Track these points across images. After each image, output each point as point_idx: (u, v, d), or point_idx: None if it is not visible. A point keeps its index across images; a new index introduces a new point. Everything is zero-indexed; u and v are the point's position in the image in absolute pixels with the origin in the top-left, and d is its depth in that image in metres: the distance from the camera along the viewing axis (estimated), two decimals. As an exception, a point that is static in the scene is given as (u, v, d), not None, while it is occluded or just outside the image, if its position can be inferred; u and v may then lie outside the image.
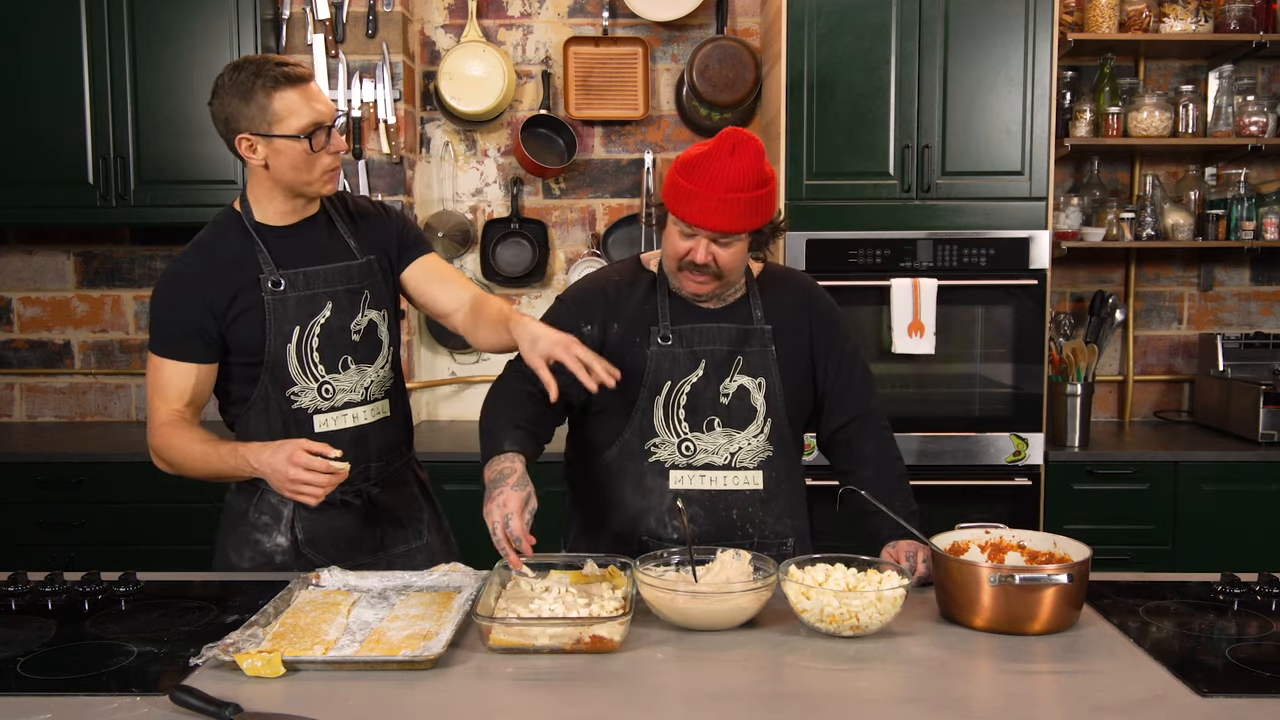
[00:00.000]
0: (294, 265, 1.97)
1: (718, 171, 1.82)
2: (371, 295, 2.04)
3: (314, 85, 1.93)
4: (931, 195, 3.33)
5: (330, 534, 2.05)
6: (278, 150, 1.90)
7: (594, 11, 3.87)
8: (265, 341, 1.94)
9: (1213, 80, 3.63)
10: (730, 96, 3.73)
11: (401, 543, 2.13)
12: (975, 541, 1.79)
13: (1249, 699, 1.39)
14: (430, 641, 1.53)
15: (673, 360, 1.96)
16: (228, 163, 3.50)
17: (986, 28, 3.29)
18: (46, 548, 3.30)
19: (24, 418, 4.01)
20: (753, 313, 2.01)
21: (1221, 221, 3.63)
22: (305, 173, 1.92)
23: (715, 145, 1.84)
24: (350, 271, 2.03)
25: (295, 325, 1.96)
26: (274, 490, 1.91)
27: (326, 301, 1.98)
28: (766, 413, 1.98)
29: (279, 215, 2.00)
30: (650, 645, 1.59)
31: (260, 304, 1.94)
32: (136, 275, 3.96)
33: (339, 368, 2.00)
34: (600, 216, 3.93)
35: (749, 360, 1.98)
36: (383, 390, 2.07)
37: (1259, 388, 3.48)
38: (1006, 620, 1.62)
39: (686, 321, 1.98)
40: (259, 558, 2.04)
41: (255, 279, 1.94)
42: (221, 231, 2.00)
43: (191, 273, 1.96)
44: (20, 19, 3.45)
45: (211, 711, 1.32)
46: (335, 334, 1.99)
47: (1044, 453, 3.36)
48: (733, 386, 1.97)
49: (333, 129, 1.92)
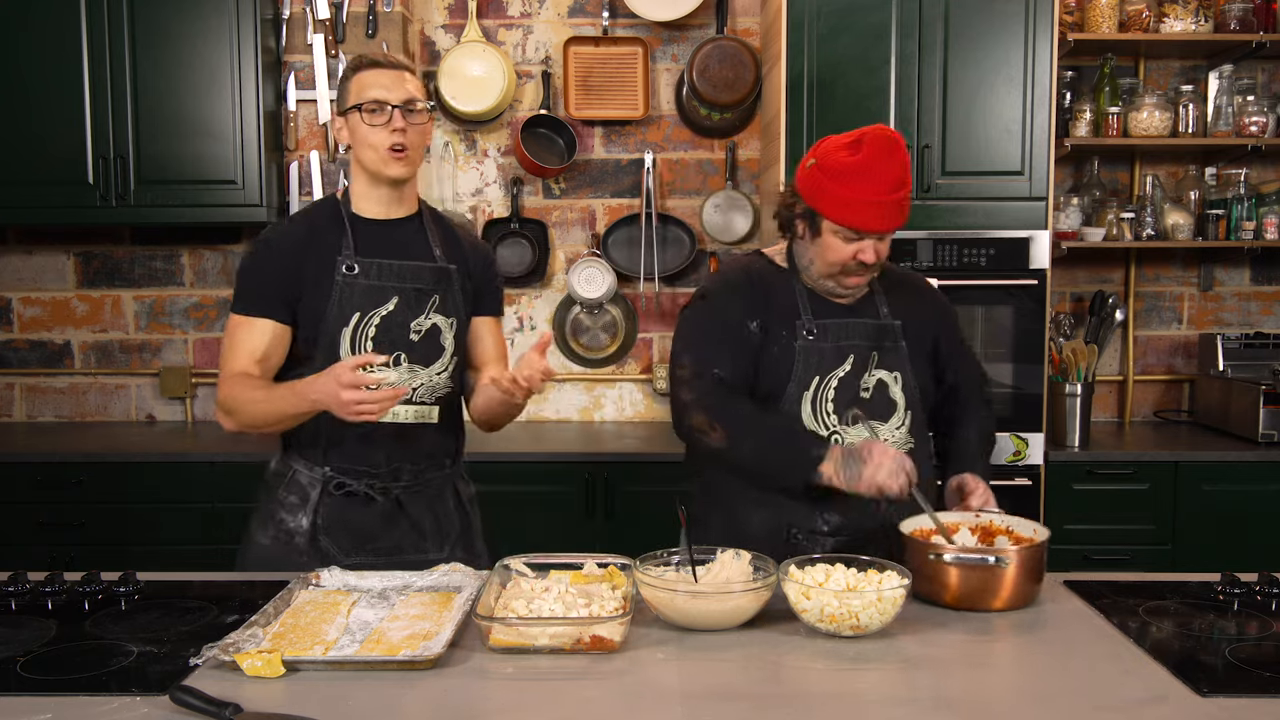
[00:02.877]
0: (372, 255, 2.03)
1: (881, 176, 1.88)
2: (441, 300, 2.07)
3: (391, 71, 2.01)
4: (931, 195, 3.32)
5: (349, 525, 2.06)
6: (351, 127, 2.01)
7: (594, 11, 3.87)
8: (325, 321, 1.99)
9: (1213, 80, 3.63)
10: (730, 96, 3.73)
11: (418, 551, 2.10)
12: (965, 524, 1.90)
13: (1249, 699, 1.40)
14: (430, 641, 1.53)
15: (820, 354, 2.01)
16: (228, 163, 3.50)
17: (986, 28, 3.29)
18: (46, 548, 3.30)
19: (24, 418, 4.01)
20: (879, 309, 2.07)
21: (1221, 221, 3.63)
22: (367, 148, 1.99)
23: (871, 150, 1.89)
24: (423, 272, 2.06)
25: (356, 311, 2.00)
26: (305, 471, 2.02)
27: (394, 295, 2.03)
28: (906, 405, 2.03)
29: (371, 206, 2.07)
30: (650, 645, 1.59)
31: (332, 284, 2.00)
32: (136, 275, 3.96)
33: (390, 362, 2.02)
34: (600, 216, 3.93)
35: (884, 355, 2.04)
36: (433, 396, 2.07)
37: (1259, 388, 3.48)
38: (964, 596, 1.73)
39: (827, 316, 2.03)
40: (281, 536, 2.06)
41: (333, 260, 2.01)
42: (317, 211, 2.10)
43: (278, 238, 2.05)
44: (20, 19, 3.45)
45: (211, 711, 1.32)
46: (394, 328, 2.02)
47: (1044, 453, 3.36)
48: (872, 381, 2.02)
49: (396, 109, 1.97)
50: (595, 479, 3.32)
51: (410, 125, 1.99)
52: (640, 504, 3.30)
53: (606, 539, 3.20)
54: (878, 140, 1.89)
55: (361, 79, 2.00)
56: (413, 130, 2.00)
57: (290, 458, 2.08)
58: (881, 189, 1.89)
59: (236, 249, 3.95)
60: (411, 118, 1.99)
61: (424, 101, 2.03)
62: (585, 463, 3.34)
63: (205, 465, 3.33)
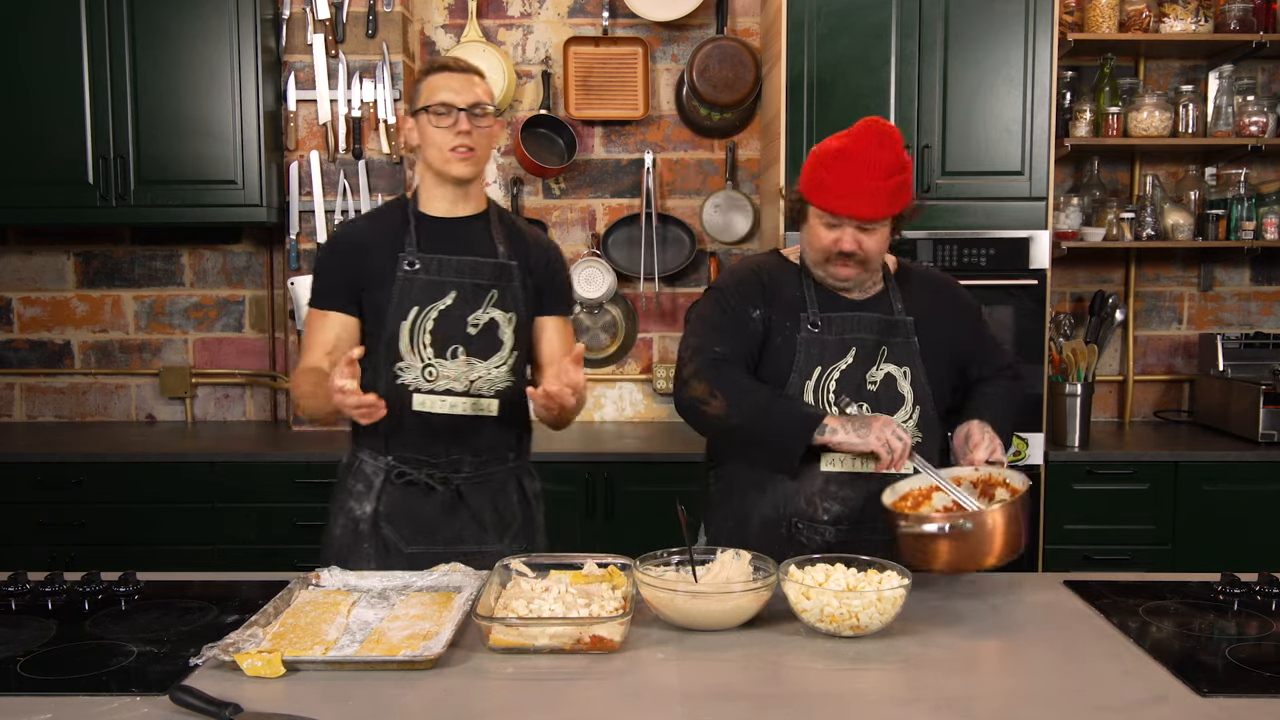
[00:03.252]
0: (434, 251, 2.09)
1: (863, 163, 1.90)
2: (499, 295, 2.11)
3: (460, 74, 2.07)
4: (931, 195, 3.32)
5: (409, 514, 2.11)
6: (420, 128, 2.08)
7: (594, 11, 3.87)
8: (386, 315, 2.06)
9: (1213, 80, 3.63)
10: (730, 96, 3.73)
11: (479, 543, 2.13)
12: (967, 478, 1.93)
13: (1249, 699, 1.40)
14: (430, 641, 1.53)
15: (822, 346, 2.02)
16: (228, 163, 3.50)
17: (986, 28, 3.29)
18: (46, 548, 3.30)
19: (24, 418, 4.01)
20: (893, 305, 2.08)
21: (1221, 221, 3.63)
22: (433, 148, 2.06)
23: (859, 137, 1.92)
24: (482, 268, 2.10)
25: (415, 305, 2.06)
26: (370, 460, 2.11)
27: (452, 290, 2.08)
28: (915, 400, 2.04)
29: (437, 204, 2.13)
30: (650, 645, 1.59)
31: (393, 279, 2.07)
32: (136, 275, 3.96)
33: (447, 355, 2.07)
34: (600, 216, 3.93)
35: (893, 350, 2.05)
36: (492, 390, 2.10)
37: (1259, 388, 3.47)
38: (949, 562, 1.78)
39: (833, 310, 2.05)
40: (348, 524, 2.13)
41: (396, 256, 2.08)
42: (387, 210, 2.18)
43: (347, 235, 2.15)
44: (20, 19, 3.45)
45: (211, 711, 1.32)
46: (452, 322, 2.07)
47: (1044, 453, 3.36)
48: (880, 374, 2.02)
49: (463, 112, 2.03)
50: (595, 479, 3.32)
51: (476, 128, 2.05)
52: (640, 504, 3.30)
53: (606, 539, 3.20)
54: (866, 127, 1.93)
55: (432, 82, 2.07)
56: (478, 132, 2.06)
57: (358, 448, 2.16)
58: (862, 174, 1.90)
59: (236, 249, 3.95)
60: (477, 120, 2.05)
61: (491, 105, 2.08)
62: (585, 463, 3.34)
63: (205, 465, 3.33)
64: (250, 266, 3.95)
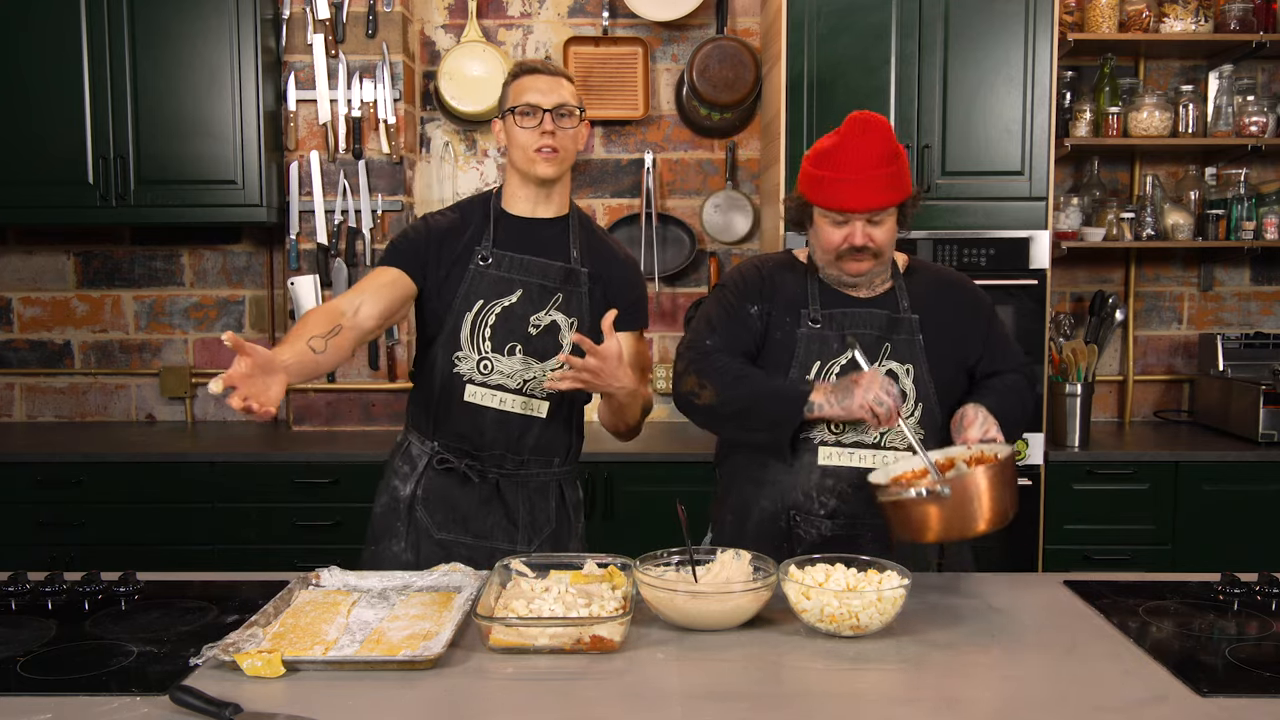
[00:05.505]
0: (508, 249, 2.13)
1: (854, 154, 1.91)
2: (565, 299, 2.12)
3: (547, 77, 2.11)
4: (931, 195, 3.32)
5: (445, 501, 2.15)
6: (507, 129, 2.12)
7: (594, 11, 3.87)
8: (453, 303, 2.10)
9: (1213, 80, 3.63)
10: (730, 96, 3.73)
11: (509, 541, 2.15)
12: (959, 456, 1.91)
13: (1249, 699, 1.40)
14: (430, 641, 1.53)
15: (822, 342, 2.03)
16: (228, 162, 3.50)
17: (986, 28, 3.29)
18: (46, 548, 3.30)
19: (24, 418, 4.01)
20: (899, 303, 2.08)
21: (1221, 221, 3.63)
22: (518, 149, 2.10)
23: (846, 131, 1.94)
24: (551, 270, 2.12)
25: (480, 299, 2.10)
26: (417, 443, 2.16)
27: (518, 289, 2.11)
28: (917, 398, 2.04)
29: (519, 204, 2.17)
30: (650, 645, 1.59)
31: (465, 272, 2.11)
32: (136, 275, 3.96)
33: (505, 351, 2.10)
34: (600, 216, 3.93)
35: (897, 347, 2.04)
36: (545, 392, 2.12)
37: (1259, 388, 3.47)
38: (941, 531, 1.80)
39: (836, 307, 2.05)
40: (390, 502, 2.19)
41: (472, 250, 2.12)
42: (472, 205, 2.21)
43: (435, 219, 2.18)
44: (20, 19, 3.45)
45: (211, 711, 1.32)
46: (513, 320, 2.10)
47: (1044, 453, 3.36)
48: (882, 371, 2.01)
49: (548, 114, 2.06)
50: (595, 479, 3.32)
51: (560, 129, 2.08)
52: (640, 504, 3.30)
53: (606, 539, 3.18)
54: (854, 120, 1.94)
55: (519, 84, 2.10)
56: (563, 134, 2.09)
57: (409, 429, 2.21)
58: (857, 164, 1.91)
59: (236, 249, 3.95)
60: (562, 122, 2.08)
61: (577, 107, 2.11)
62: (585, 462, 3.27)
63: (205, 465, 3.33)
64: (250, 266, 3.95)
